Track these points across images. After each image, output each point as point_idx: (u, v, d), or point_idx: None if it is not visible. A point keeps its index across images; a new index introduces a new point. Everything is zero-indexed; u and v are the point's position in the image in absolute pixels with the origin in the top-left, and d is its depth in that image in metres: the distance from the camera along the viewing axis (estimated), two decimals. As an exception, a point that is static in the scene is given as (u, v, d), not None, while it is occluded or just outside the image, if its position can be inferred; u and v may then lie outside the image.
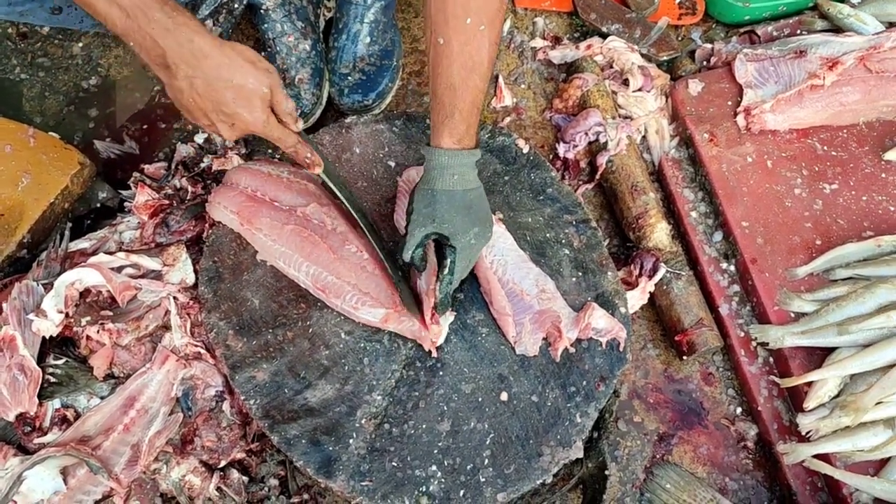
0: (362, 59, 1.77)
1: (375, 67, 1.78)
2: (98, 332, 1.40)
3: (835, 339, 1.47)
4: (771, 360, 1.57)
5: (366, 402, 1.35)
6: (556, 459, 1.34)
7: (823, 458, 1.45)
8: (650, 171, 1.77)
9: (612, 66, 1.84)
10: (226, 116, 1.22)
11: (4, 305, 1.41)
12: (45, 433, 1.37)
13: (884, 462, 1.43)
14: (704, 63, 1.86)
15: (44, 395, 1.39)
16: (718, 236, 1.67)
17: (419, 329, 1.36)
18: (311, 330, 1.41)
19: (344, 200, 1.37)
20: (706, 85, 1.76)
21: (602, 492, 1.49)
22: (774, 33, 1.86)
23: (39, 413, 1.38)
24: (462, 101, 1.29)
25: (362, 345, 1.40)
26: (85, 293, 1.46)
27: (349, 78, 1.76)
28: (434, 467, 1.31)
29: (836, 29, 1.82)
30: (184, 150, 1.74)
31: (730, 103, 1.74)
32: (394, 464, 1.31)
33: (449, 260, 1.32)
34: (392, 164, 1.59)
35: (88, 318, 1.41)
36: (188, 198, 1.61)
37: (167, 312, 1.45)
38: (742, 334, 1.59)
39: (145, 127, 1.86)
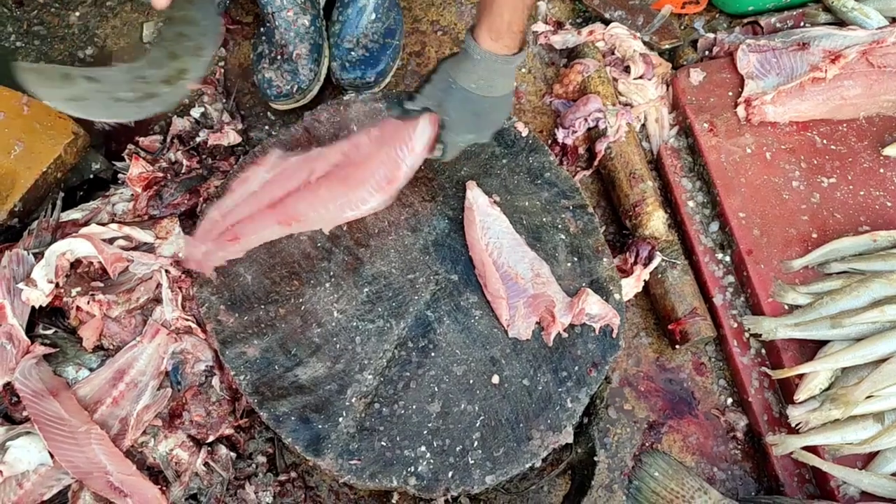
0: (366, 35, 1.75)
1: (378, 45, 1.76)
2: (88, 303, 1.39)
3: (828, 333, 1.47)
4: (763, 351, 1.57)
5: (356, 381, 1.35)
6: (545, 444, 1.34)
7: (812, 450, 1.45)
8: (649, 160, 1.76)
9: (613, 53, 1.83)
10: None
11: (-6, 274, 1.40)
12: (33, 403, 1.36)
13: (872, 456, 1.44)
14: (706, 53, 1.85)
15: (32, 364, 1.38)
16: (715, 226, 1.66)
17: None
18: (303, 307, 1.40)
19: None
20: (707, 74, 1.75)
21: (590, 478, 1.49)
22: (778, 25, 1.85)
23: (27, 383, 1.37)
24: None
25: (354, 324, 1.39)
26: (76, 264, 1.44)
27: (352, 53, 1.74)
28: (423, 448, 1.31)
29: (840, 22, 1.81)
30: (179, 124, 1.72)
31: (731, 94, 1.73)
32: (383, 443, 1.31)
33: (439, 149, 1.33)
34: (389, 143, 1.57)
35: (79, 289, 1.40)
36: (183, 171, 1.60)
37: (158, 285, 1.43)
38: (735, 325, 1.59)
39: (141, 99, 1.83)
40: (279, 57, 1.72)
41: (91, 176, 1.67)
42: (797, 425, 1.46)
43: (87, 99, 1.23)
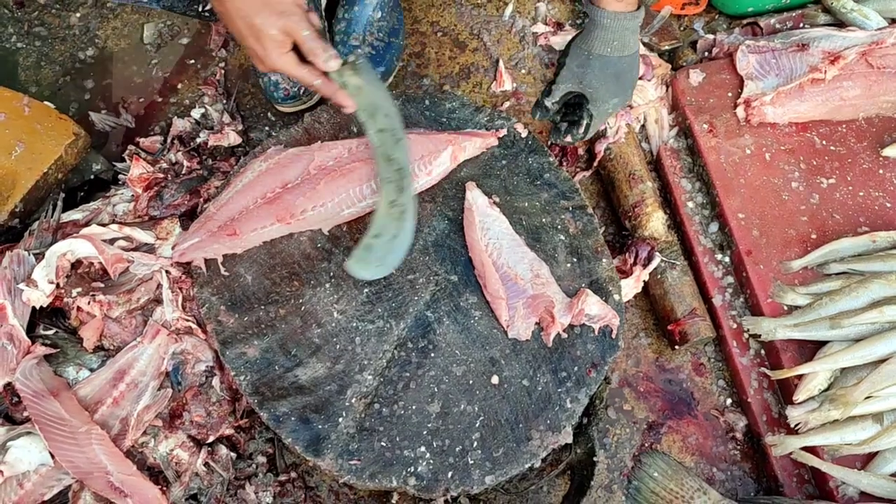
0: (371, 34, 1.75)
1: (384, 43, 1.76)
2: (89, 303, 1.39)
3: (827, 333, 1.47)
4: (762, 352, 1.57)
5: (356, 382, 1.35)
6: (545, 444, 1.34)
7: (811, 450, 1.45)
8: (648, 161, 1.76)
9: (613, 54, 1.83)
10: (253, 50, 1.25)
11: (-5, 274, 1.40)
12: (33, 403, 1.37)
13: (871, 456, 1.44)
14: (706, 54, 1.85)
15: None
16: (714, 227, 1.67)
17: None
18: (303, 308, 1.40)
19: (374, 146, 1.38)
20: (707, 75, 1.75)
21: (590, 478, 1.49)
22: (777, 26, 1.85)
23: (28, 383, 1.37)
24: None
25: (354, 324, 1.39)
26: (76, 264, 1.45)
27: (359, 50, 1.74)
28: (423, 448, 1.31)
29: (839, 23, 1.81)
30: (180, 125, 1.73)
31: (730, 95, 1.73)
32: (383, 444, 1.31)
33: (585, 123, 1.44)
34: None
35: (79, 290, 1.41)
36: (183, 172, 1.60)
37: (159, 286, 1.44)
38: (734, 326, 1.59)
39: (141, 100, 1.84)
40: None
41: (92, 177, 1.68)
42: (796, 426, 1.46)
43: None
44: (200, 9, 1.64)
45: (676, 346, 1.59)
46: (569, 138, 1.49)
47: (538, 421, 1.35)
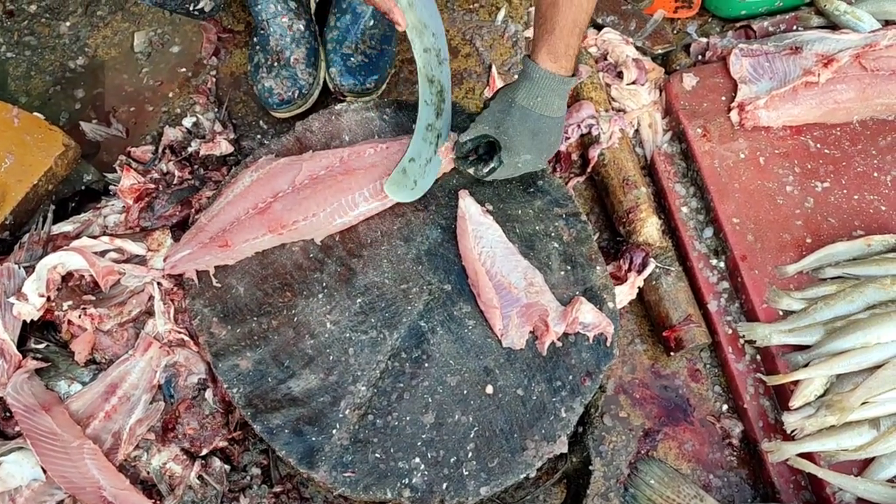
0: (364, 42, 1.75)
1: (377, 51, 1.76)
2: (80, 316, 1.39)
3: (822, 338, 1.47)
4: (758, 357, 1.56)
5: (350, 393, 1.34)
6: (540, 454, 1.33)
7: (808, 456, 1.45)
8: (642, 166, 1.75)
9: (606, 59, 1.83)
10: None
11: (-15, 288, 1.39)
12: (25, 418, 1.36)
13: (868, 462, 1.43)
14: (699, 57, 1.85)
15: (24, 379, 1.37)
16: (709, 232, 1.66)
17: None
18: (296, 319, 1.39)
19: (418, 66, 1.37)
20: (700, 79, 1.74)
21: (586, 487, 1.49)
22: (770, 29, 1.84)
23: (19, 398, 1.36)
24: (564, 19, 1.32)
25: (348, 335, 1.38)
26: (67, 277, 1.44)
27: (352, 59, 1.74)
28: (417, 459, 1.31)
29: (833, 26, 1.81)
30: (171, 134, 1.72)
31: (724, 98, 1.73)
32: (377, 455, 1.30)
33: (492, 166, 1.42)
34: (382, 152, 1.57)
35: (70, 303, 1.40)
36: (174, 182, 1.59)
37: (151, 298, 1.43)
38: (730, 331, 1.58)
39: (132, 109, 1.83)
40: (276, 64, 1.71)
41: (82, 188, 1.67)
42: (793, 432, 1.45)
43: None
44: (191, 7, 1.63)
45: (672, 353, 1.58)
46: (471, 170, 1.46)
47: (533, 431, 1.34)
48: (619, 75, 1.79)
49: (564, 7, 1.32)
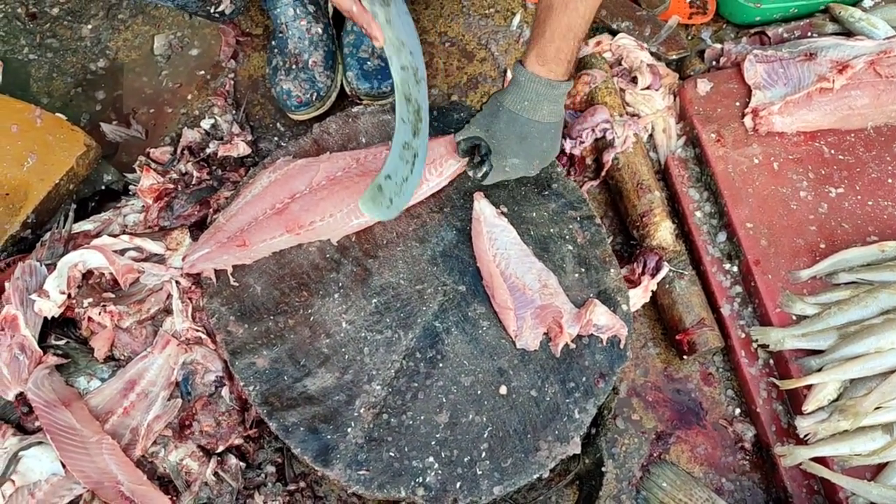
0: None
1: None
2: (100, 313, 1.40)
3: (835, 343, 1.47)
4: (771, 362, 1.56)
5: (365, 392, 1.35)
6: (553, 455, 1.34)
7: (821, 461, 1.45)
8: (656, 170, 1.76)
9: (620, 64, 1.84)
10: None
11: (7, 285, 1.41)
12: (45, 413, 1.38)
13: (881, 467, 1.43)
14: (714, 63, 1.86)
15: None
16: (722, 237, 1.67)
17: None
18: (312, 318, 1.41)
19: (395, 84, 1.34)
20: (715, 85, 1.75)
21: (598, 488, 1.49)
22: (785, 35, 1.85)
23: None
24: (557, 23, 1.29)
25: (363, 334, 1.40)
26: (87, 275, 1.46)
27: (368, 63, 1.75)
28: (431, 458, 1.32)
29: (847, 32, 1.81)
30: (190, 135, 1.74)
31: (738, 104, 1.73)
32: (391, 454, 1.31)
33: (484, 170, 1.43)
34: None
35: (90, 300, 1.42)
36: (193, 183, 1.61)
37: (169, 296, 1.45)
38: (743, 335, 1.59)
39: (152, 111, 1.86)
40: (294, 66, 1.73)
41: (103, 187, 1.69)
42: (806, 436, 1.45)
43: None
44: (212, 10, 1.65)
45: (685, 356, 1.59)
46: (470, 173, 1.48)
47: (546, 431, 1.35)
48: (634, 80, 1.80)
49: (559, 11, 1.30)
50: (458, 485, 1.30)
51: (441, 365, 1.38)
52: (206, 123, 1.79)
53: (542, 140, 1.40)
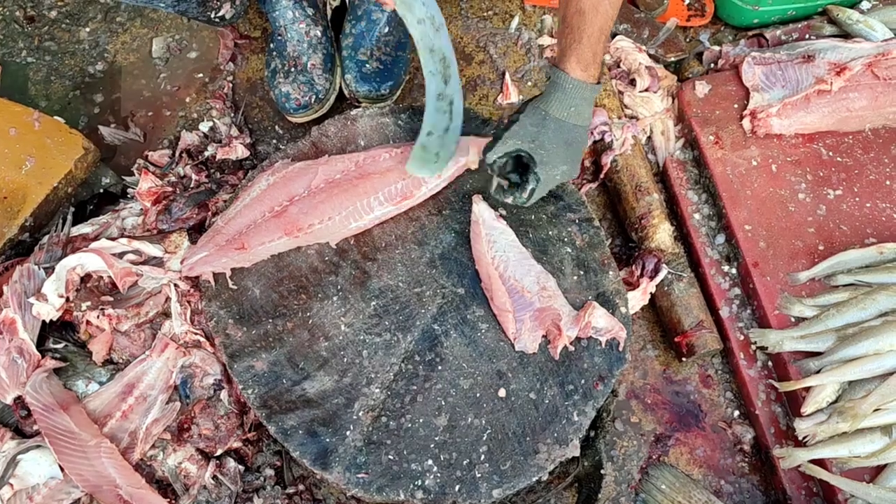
0: (379, 48, 1.76)
1: (391, 58, 1.77)
2: (98, 317, 1.40)
3: (833, 345, 1.47)
4: (770, 364, 1.57)
5: (364, 395, 1.35)
6: (552, 457, 1.34)
7: (819, 463, 1.45)
8: (654, 172, 1.76)
9: (619, 66, 1.84)
10: None
11: (5, 288, 1.41)
12: (43, 417, 1.37)
13: (880, 469, 1.43)
14: (712, 65, 1.86)
15: (42, 378, 1.39)
16: (721, 239, 1.67)
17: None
18: (310, 321, 1.41)
19: (416, 40, 1.33)
20: (713, 87, 1.75)
21: (597, 491, 1.49)
22: (783, 37, 1.85)
23: (37, 396, 1.38)
24: (591, 27, 1.31)
25: (362, 337, 1.40)
26: (86, 278, 1.46)
27: (367, 65, 1.75)
28: (430, 461, 1.31)
29: (845, 35, 1.82)
30: (188, 138, 1.74)
31: (736, 106, 1.73)
32: (390, 457, 1.31)
33: (530, 188, 1.39)
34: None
35: (89, 303, 1.41)
36: (191, 186, 1.61)
37: (167, 299, 1.45)
38: (742, 337, 1.59)
39: (150, 114, 1.86)
40: (293, 69, 1.73)
41: (101, 190, 1.69)
42: (804, 438, 1.45)
43: None
44: (213, 15, 1.65)
45: (683, 358, 1.59)
46: (510, 199, 1.43)
47: (545, 434, 1.35)
48: (632, 83, 1.80)
49: (591, 15, 1.31)
50: (457, 488, 1.30)
51: (440, 368, 1.38)
52: (204, 126, 1.79)
53: (583, 143, 1.41)
